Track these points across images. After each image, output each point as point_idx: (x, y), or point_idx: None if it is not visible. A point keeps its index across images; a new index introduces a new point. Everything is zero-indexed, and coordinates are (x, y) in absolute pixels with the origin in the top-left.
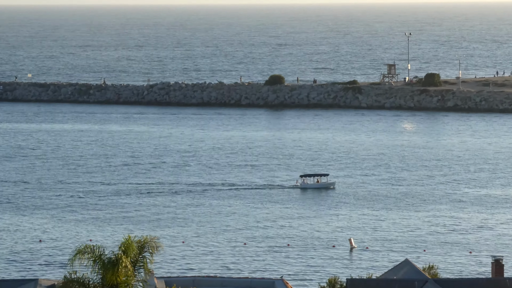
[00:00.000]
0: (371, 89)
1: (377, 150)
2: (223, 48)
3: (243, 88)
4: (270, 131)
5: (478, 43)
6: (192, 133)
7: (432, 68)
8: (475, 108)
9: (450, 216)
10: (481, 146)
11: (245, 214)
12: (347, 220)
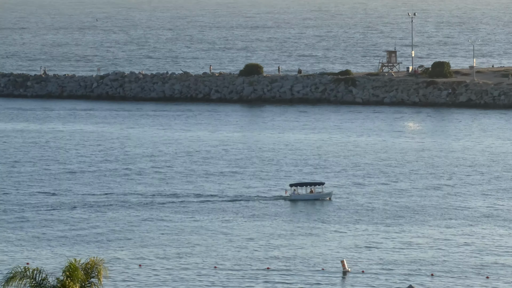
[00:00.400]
0: (368, 81)
1: (375, 154)
2: (188, 31)
3: (213, 80)
4: (246, 131)
5: (496, 26)
6: (151, 133)
7: (441, 56)
8: (492, 104)
9: (463, 234)
10: (501, 149)
11: (217, 231)
12: (341, 238)
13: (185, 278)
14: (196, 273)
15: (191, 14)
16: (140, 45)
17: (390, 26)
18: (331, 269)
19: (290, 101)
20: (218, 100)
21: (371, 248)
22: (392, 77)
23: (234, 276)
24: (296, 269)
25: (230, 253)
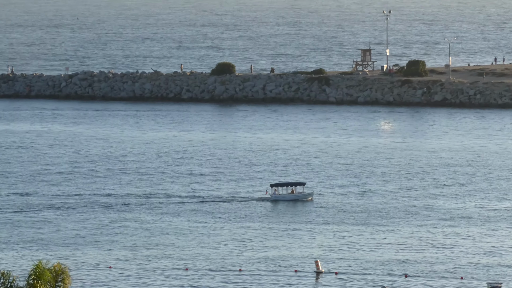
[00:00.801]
0: (341, 80)
1: (350, 154)
2: (158, 29)
3: (184, 79)
4: (217, 131)
5: (472, 24)
6: (120, 133)
7: (416, 54)
8: (468, 103)
9: (437, 234)
10: (476, 149)
11: (188, 232)
12: (316, 238)
13: (156, 280)
14: (167, 275)
15: (160, 12)
16: (109, 43)
17: (365, 24)
18: (304, 270)
19: (263, 100)
20: (189, 99)
21: (346, 248)
22: (367, 76)
23: (205, 278)
24: (269, 271)
25: (202, 254)
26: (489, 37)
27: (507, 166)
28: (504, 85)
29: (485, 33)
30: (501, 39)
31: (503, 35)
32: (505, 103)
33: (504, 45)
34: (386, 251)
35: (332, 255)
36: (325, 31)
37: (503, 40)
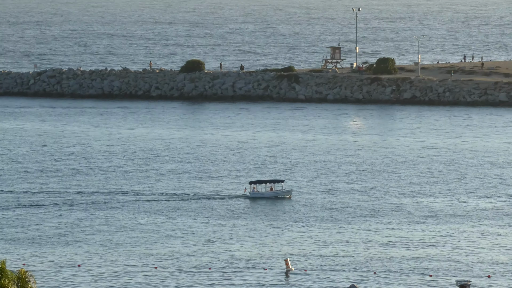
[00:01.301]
0: (311, 78)
1: (317, 152)
2: (126, 26)
3: (153, 76)
4: (187, 129)
5: (441, 21)
6: (88, 131)
7: (386, 52)
8: (437, 101)
9: (405, 232)
10: (444, 147)
11: (157, 230)
12: (287, 236)
13: (125, 278)
14: (136, 273)
15: (127, 9)
16: (77, 40)
17: (334, 21)
18: (274, 268)
19: (232, 98)
20: (158, 97)
21: (316, 246)
22: (336, 74)
23: (174, 276)
24: (239, 269)
25: (171, 253)
26: (458, 34)
27: (474, 164)
28: (473, 83)
29: (454, 30)
30: (469, 36)
31: (471, 32)
32: (474, 101)
33: (472, 43)
34: (355, 249)
35: (302, 253)
36: (294, 29)
37: (472, 38)
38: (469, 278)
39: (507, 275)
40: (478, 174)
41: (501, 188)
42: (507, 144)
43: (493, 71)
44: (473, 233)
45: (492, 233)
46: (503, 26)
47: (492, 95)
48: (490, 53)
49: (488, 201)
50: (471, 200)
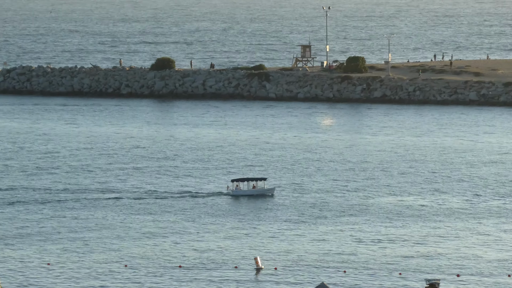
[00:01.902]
0: (281, 76)
1: (284, 150)
2: (96, 23)
3: (123, 74)
4: (157, 127)
5: (412, 20)
6: (58, 128)
7: (356, 51)
8: (407, 99)
9: (374, 231)
10: (414, 145)
11: (128, 228)
12: (257, 234)
13: (95, 276)
14: (106, 271)
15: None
16: (45, 37)
17: (304, 19)
18: (244, 266)
19: (203, 96)
20: (128, 94)
21: (287, 244)
22: (306, 72)
23: (145, 274)
24: (209, 267)
25: (142, 251)
26: (428, 33)
27: (442, 162)
28: (443, 82)
29: (424, 29)
30: (439, 35)
31: (441, 31)
32: (444, 100)
33: (441, 42)
34: (325, 247)
35: (273, 251)
36: (264, 26)
37: (442, 37)
38: (438, 276)
39: (476, 274)
40: (447, 172)
41: (469, 186)
42: (476, 142)
43: (463, 70)
44: (443, 232)
45: (462, 232)
46: (473, 25)
47: (462, 94)
48: (460, 52)
49: (457, 200)
50: (440, 198)
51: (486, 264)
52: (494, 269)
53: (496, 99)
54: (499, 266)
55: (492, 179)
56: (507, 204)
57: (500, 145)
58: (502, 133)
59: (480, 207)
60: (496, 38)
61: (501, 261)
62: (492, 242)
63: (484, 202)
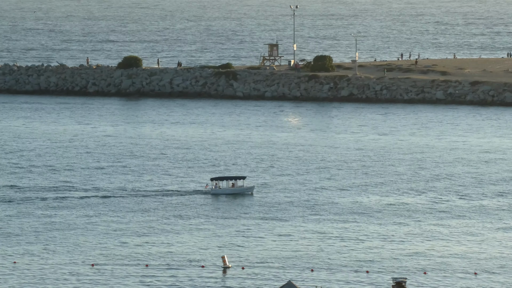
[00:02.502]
0: (249, 75)
1: (250, 150)
2: (61, 22)
3: (90, 72)
4: (123, 125)
5: (379, 19)
6: (24, 127)
7: (323, 50)
8: (374, 98)
9: (341, 228)
10: (380, 144)
11: (94, 227)
12: (225, 233)
13: (60, 276)
14: (72, 271)
15: (61, 5)
16: (10, 34)
17: (271, 18)
18: (211, 265)
19: (170, 94)
20: (95, 93)
21: (254, 243)
22: (274, 71)
23: (111, 273)
24: (176, 266)
25: (109, 250)
26: (395, 32)
27: (408, 161)
28: (410, 81)
29: (390, 28)
30: (406, 34)
31: (408, 30)
32: (411, 99)
33: (406, 41)
34: (292, 246)
35: (240, 250)
36: (231, 25)
37: (409, 36)
38: (405, 274)
39: (443, 271)
40: (412, 171)
41: (434, 185)
42: (442, 141)
43: (430, 69)
44: (410, 230)
45: (428, 230)
46: (440, 24)
47: (429, 93)
48: (427, 51)
49: (422, 198)
50: (406, 196)
51: (453, 261)
52: (461, 266)
53: (462, 98)
54: (465, 264)
55: (457, 177)
56: (472, 202)
57: (465, 143)
58: (468, 132)
59: (445, 205)
60: (462, 37)
61: (467, 258)
62: (458, 240)
63: (449, 200)
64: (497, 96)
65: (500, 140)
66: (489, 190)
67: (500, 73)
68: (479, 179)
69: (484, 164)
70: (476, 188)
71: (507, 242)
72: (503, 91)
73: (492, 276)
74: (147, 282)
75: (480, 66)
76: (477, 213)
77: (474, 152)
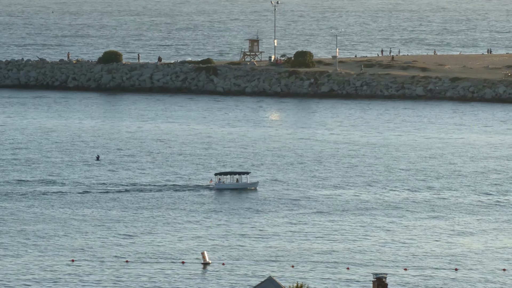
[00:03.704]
0: (229, 70)
1: (232, 144)
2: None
3: (70, 67)
4: (104, 120)
5: (360, 15)
6: (3, 121)
7: (304, 45)
8: (354, 94)
9: (321, 225)
10: (359, 140)
11: (74, 223)
12: (206, 229)
13: (39, 272)
14: (51, 265)
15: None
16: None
17: (254, 13)
18: (191, 261)
19: (150, 89)
20: (75, 88)
21: (235, 239)
22: (254, 67)
23: (91, 269)
24: (156, 262)
25: (89, 245)
26: (375, 28)
27: (390, 157)
28: (390, 77)
29: (371, 24)
30: (387, 30)
31: (389, 26)
32: (391, 95)
33: (387, 37)
34: (273, 242)
35: (221, 246)
36: (211, 20)
37: (389, 32)
38: (386, 270)
39: (423, 267)
40: (393, 167)
41: (416, 181)
42: (420, 137)
43: (410, 65)
44: (390, 226)
45: (409, 226)
46: (422, 20)
47: (409, 89)
48: (407, 47)
49: (403, 194)
50: (387, 193)
51: (434, 258)
52: (441, 263)
53: (442, 94)
54: (446, 260)
55: (435, 173)
56: (452, 198)
57: (444, 139)
58: (447, 127)
59: (425, 201)
60: (442, 34)
61: (448, 255)
62: (439, 236)
63: (428, 196)
64: (477, 93)
65: (477, 136)
66: (466, 186)
67: (480, 69)
68: (456, 174)
69: (460, 159)
70: (454, 184)
71: (487, 238)
72: (483, 88)
73: (472, 272)
74: (127, 278)
75: (460, 62)
76: (455, 210)
77: (454, 147)
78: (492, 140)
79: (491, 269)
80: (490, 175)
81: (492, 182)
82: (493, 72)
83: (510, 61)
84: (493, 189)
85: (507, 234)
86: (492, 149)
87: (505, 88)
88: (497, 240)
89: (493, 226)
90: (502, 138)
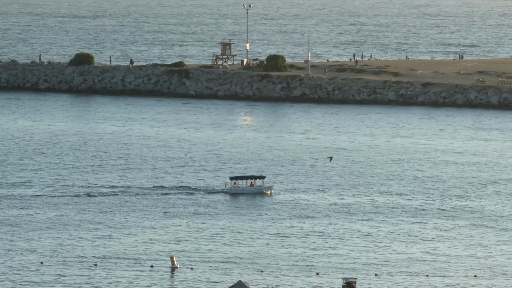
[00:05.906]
0: (201, 73)
1: (209, 147)
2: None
3: (41, 69)
4: (74, 122)
5: (332, 20)
6: None
7: (276, 49)
8: (326, 99)
9: (293, 230)
10: (331, 144)
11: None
12: (175, 233)
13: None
14: (20, 268)
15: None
16: None
17: (225, 16)
18: (160, 265)
19: (122, 92)
20: (46, 89)
21: (205, 243)
22: (226, 70)
23: (60, 272)
24: (124, 266)
25: (58, 249)
26: (347, 33)
27: (362, 161)
28: (362, 82)
29: (343, 29)
30: (359, 35)
31: (362, 31)
32: (363, 99)
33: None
34: (242, 247)
35: (190, 250)
36: (183, 23)
37: (362, 36)
38: (356, 276)
39: (394, 273)
40: (363, 171)
41: (387, 186)
42: (393, 141)
43: (382, 70)
44: (361, 232)
45: (380, 231)
46: (394, 25)
47: (381, 94)
48: (379, 52)
49: (374, 199)
50: (357, 197)
51: (405, 263)
52: (413, 268)
53: (414, 99)
54: (417, 265)
55: (406, 177)
56: (423, 203)
57: (415, 144)
58: (418, 132)
59: (396, 206)
60: (415, 38)
61: (420, 260)
62: (411, 241)
63: (400, 201)
64: (449, 98)
65: (448, 141)
66: (436, 190)
67: (451, 74)
68: (426, 179)
69: (429, 164)
70: (425, 189)
71: (458, 244)
72: (454, 93)
73: (445, 279)
74: (95, 282)
75: (432, 67)
76: (426, 215)
77: (425, 152)
78: (461, 145)
79: (462, 275)
80: (460, 180)
81: (463, 187)
82: (465, 77)
83: (481, 67)
84: (464, 194)
85: (478, 240)
86: (462, 154)
87: (476, 94)
88: (469, 246)
89: (464, 231)
90: (471, 144)
